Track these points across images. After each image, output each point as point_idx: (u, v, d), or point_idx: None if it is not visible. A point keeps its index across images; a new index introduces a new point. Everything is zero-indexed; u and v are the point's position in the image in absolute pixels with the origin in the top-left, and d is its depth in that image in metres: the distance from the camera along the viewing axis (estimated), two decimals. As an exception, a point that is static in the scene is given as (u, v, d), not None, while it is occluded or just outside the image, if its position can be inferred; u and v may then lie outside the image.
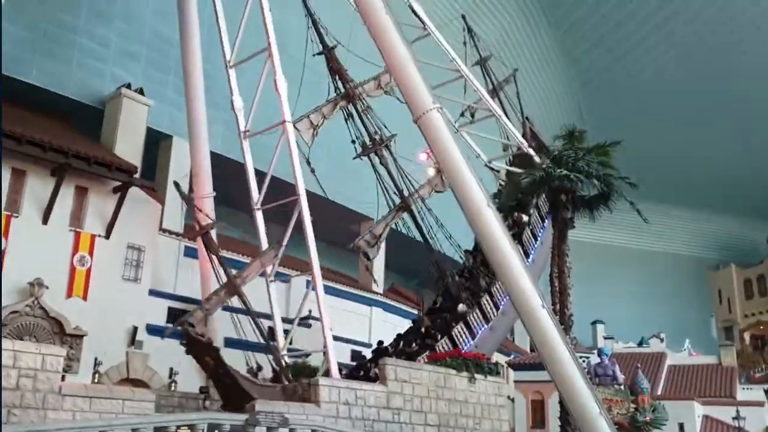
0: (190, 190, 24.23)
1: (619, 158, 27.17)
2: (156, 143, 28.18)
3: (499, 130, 31.68)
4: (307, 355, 21.01)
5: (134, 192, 23.46)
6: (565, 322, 24.91)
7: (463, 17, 34.62)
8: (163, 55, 28.97)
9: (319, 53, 24.28)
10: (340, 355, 28.74)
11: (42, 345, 13.72)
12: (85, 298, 21.97)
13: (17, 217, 20.97)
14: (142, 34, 28.74)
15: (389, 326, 30.87)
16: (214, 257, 18.53)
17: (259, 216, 20.86)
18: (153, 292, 24.06)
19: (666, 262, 77.54)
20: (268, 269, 19.80)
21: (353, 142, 24.41)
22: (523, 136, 31.33)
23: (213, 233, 19.42)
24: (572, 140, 28.01)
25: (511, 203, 28.16)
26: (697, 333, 63.65)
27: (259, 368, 18.74)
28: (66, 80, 26.31)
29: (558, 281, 26.60)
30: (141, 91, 26.41)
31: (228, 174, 23.74)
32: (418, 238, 25.04)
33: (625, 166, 27.46)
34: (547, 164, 26.85)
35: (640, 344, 46.85)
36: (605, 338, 52.09)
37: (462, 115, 30.71)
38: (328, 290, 29.05)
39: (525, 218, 27.47)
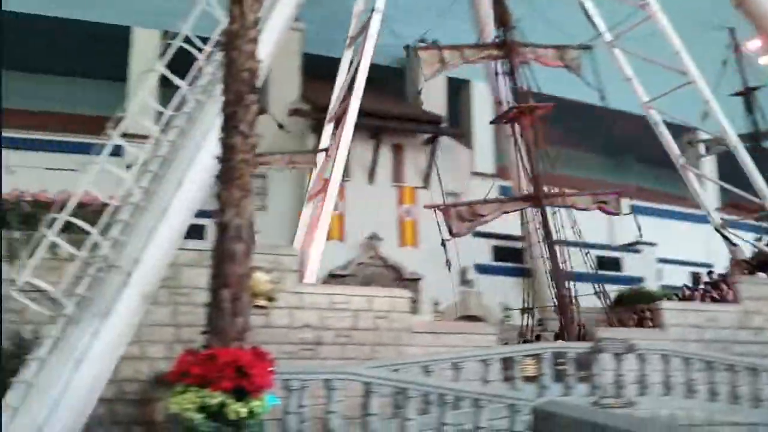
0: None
1: None
2: (456, 91, 28.98)
3: None
4: (641, 280, 20.24)
5: (444, 141, 24.55)
6: None
7: (731, 30, 25.88)
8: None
9: None
10: (679, 278, 27.22)
11: (391, 289, 15.18)
12: (415, 245, 23.78)
13: (348, 180, 23.32)
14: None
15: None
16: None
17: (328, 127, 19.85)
18: (476, 233, 25.04)
19: None
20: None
21: (499, 103, 21.69)
22: None
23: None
24: None
25: None
26: None
27: None
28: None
29: None
30: (435, 43, 27.19)
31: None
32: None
33: None
34: None
35: None
36: None
37: None
38: (658, 212, 27.64)
39: None
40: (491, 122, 23.23)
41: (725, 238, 20.80)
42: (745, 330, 16.36)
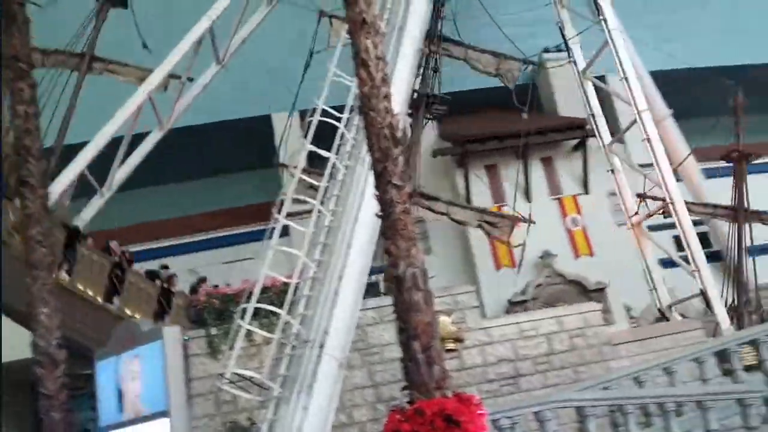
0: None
1: None
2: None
3: None
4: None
5: (591, 142, 23.70)
6: None
7: None
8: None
9: None
10: None
11: (578, 305, 14.66)
12: (591, 254, 22.89)
13: (505, 205, 23.01)
14: None
15: None
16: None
17: None
18: (649, 227, 23.71)
19: None
20: None
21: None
22: None
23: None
24: None
25: None
26: None
27: None
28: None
29: None
30: (558, 49, 26.64)
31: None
32: None
33: None
34: None
35: None
36: None
37: None
38: None
39: None
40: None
41: None
42: None
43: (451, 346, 12.23)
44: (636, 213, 18.64)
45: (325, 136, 11.41)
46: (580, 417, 9.97)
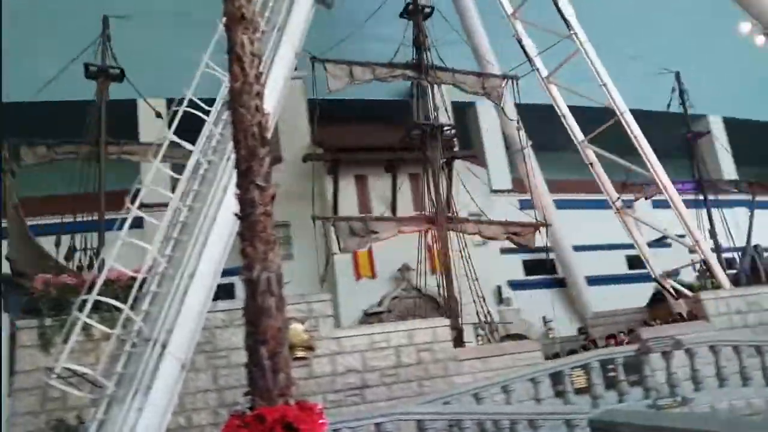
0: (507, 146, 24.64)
1: None
2: (463, 113, 29.06)
3: None
4: (677, 273, 19.84)
5: (459, 164, 24.50)
6: None
7: (677, 75, 25.12)
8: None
9: (406, 12, 20.61)
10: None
11: (430, 320, 15.02)
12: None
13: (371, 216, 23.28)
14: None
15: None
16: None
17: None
18: (504, 250, 24.84)
19: None
20: None
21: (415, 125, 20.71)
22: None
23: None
24: None
25: None
26: None
27: None
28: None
29: None
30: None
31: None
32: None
33: None
34: None
35: None
36: None
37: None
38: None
39: None
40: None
41: None
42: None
43: (301, 354, 12.15)
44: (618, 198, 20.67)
45: (194, 128, 11.05)
46: (420, 430, 10.21)
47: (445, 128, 20.37)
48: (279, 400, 7.52)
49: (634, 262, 24.87)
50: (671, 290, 18.24)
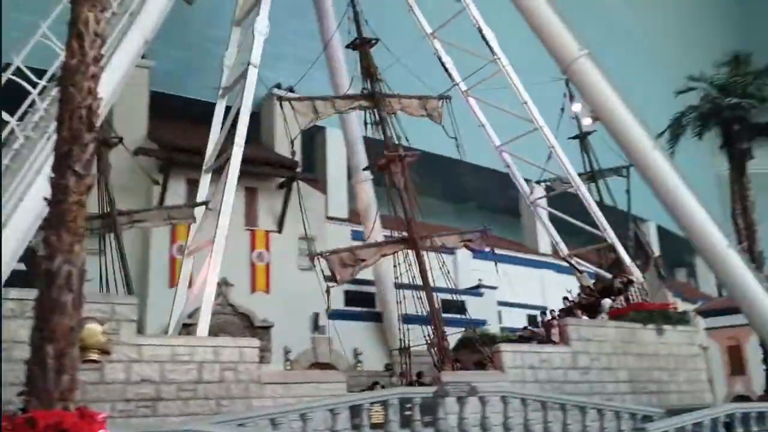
0: (349, 176, 25.03)
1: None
2: (311, 137, 29.19)
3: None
4: (483, 323, 21.01)
5: (300, 186, 24.45)
6: (755, 260, 23.00)
7: (566, 82, 26.43)
8: (310, 52, 29.88)
9: (353, 45, 21.13)
10: (518, 320, 28.56)
11: (238, 339, 14.69)
12: (267, 291, 23.30)
13: (196, 223, 22.54)
14: (284, 33, 29.69)
15: (563, 288, 30.13)
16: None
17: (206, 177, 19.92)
18: (327, 278, 24.98)
19: None
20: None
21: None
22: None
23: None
24: (738, 65, 25.68)
25: None
26: None
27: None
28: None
29: (742, 218, 24.58)
30: (291, 89, 27.36)
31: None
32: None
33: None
34: (714, 95, 24.75)
35: None
36: (802, 273, 47.65)
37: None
38: (498, 257, 28.80)
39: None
40: (364, 169, 23.53)
41: (572, 266, 22.58)
42: (574, 370, 17.32)
43: (94, 356, 11.36)
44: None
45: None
46: (209, 450, 9.89)
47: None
48: (58, 404, 7.00)
49: (450, 305, 26.07)
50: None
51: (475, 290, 27.20)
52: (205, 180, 19.38)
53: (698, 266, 48.03)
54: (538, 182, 25.25)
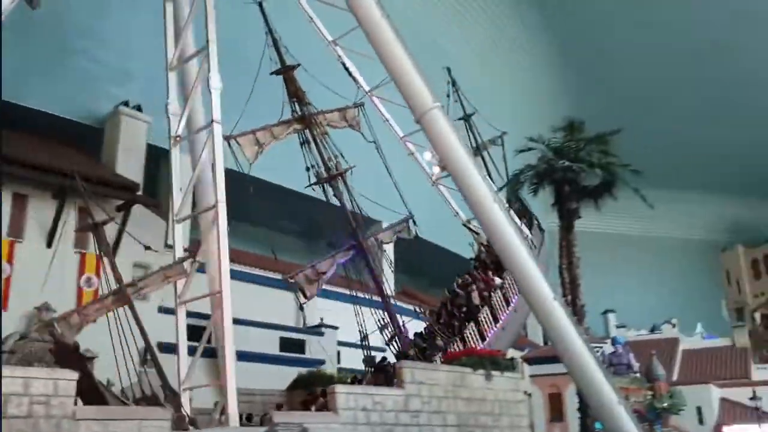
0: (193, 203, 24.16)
1: (624, 145, 27.11)
2: (157, 159, 28.10)
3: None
4: (322, 362, 20.91)
5: (138, 209, 23.32)
6: (577, 312, 24.81)
7: (448, 70, 30.70)
8: (162, 71, 28.92)
9: (277, 72, 21.80)
10: (356, 361, 28.69)
11: (54, 370, 13.55)
12: (94, 320, 21.78)
13: (21, 242, 20.86)
14: (140, 51, 28.64)
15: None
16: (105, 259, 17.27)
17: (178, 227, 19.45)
18: (163, 310, 23.90)
19: (674, 247, 77.51)
20: (179, 285, 17.97)
21: (308, 169, 22.11)
22: (509, 201, 28.36)
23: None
24: (572, 131, 28.00)
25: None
26: (709, 316, 63.42)
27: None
28: (65, 102, 26.26)
29: (568, 272, 26.52)
30: (139, 108, 26.33)
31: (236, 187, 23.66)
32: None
33: (630, 153, 27.35)
34: (550, 157, 26.75)
35: (652, 331, 46.76)
36: (617, 327, 51.94)
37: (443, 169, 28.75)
38: (335, 296, 28.98)
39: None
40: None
41: (470, 229, 24.87)
42: (405, 413, 17.56)
43: None
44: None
45: None
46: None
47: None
48: None
49: (287, 344, 25.77)
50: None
51: (317, 329, 27.09)
52: (179, 230, 18.68)
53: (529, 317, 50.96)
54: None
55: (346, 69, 24.06)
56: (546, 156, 27.35)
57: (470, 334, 21.95)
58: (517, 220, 25.50)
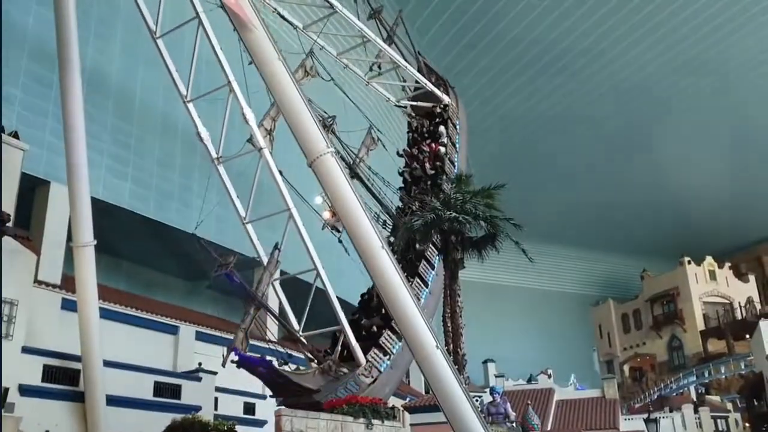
0: (69, 238, 22.91)
1: (508, 200, 28.20)
2: (32, 189, 26.59)
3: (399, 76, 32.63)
4: (199, 409, 20.11)
5: (7, 242, 21.82)
6: (458, 361, 25.23)
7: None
8: (41, 98, 27.60)
9: None
10: (234, 407, 27.80)
11: None
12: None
13: None
14: (16, 76, 27.29)
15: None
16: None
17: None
18: (27, 350, 22.36)
19: (552, 300, 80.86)
20: None
21: None
22: (420, 71, 32.82)
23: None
24: (460, 184, 28.89)
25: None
26: (582, 367, 66.31)
27: None
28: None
29: (451, 321, 27.00)
30: (15, 135, 24.92)
31: (113, 222, 22.74)
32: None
33: (513, 208, 28.49)
34: (437, 207, 27.38)
35: (529, 381, 48.09)
36: (496, 376, 53.08)
37: (371, 69, 31.15)
38: (214, 339, 28.15)
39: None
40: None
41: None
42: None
43: None
44: None
45: None
46: None
47: None
48: None
49: (162, 389, 24.58)
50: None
51: (194, 374, 26.07)
52: None
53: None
54: None
55: (167, 68, 22.09)
56: (434, 206, 28.01)
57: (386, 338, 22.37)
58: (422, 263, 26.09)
